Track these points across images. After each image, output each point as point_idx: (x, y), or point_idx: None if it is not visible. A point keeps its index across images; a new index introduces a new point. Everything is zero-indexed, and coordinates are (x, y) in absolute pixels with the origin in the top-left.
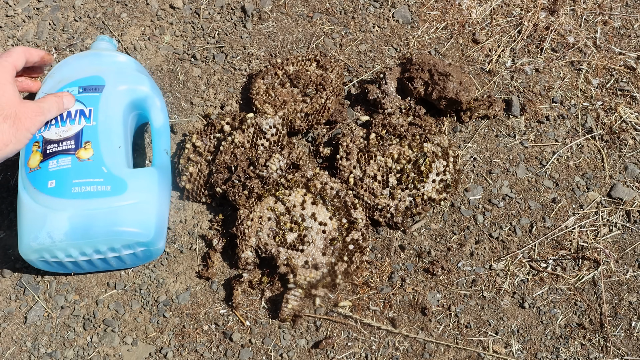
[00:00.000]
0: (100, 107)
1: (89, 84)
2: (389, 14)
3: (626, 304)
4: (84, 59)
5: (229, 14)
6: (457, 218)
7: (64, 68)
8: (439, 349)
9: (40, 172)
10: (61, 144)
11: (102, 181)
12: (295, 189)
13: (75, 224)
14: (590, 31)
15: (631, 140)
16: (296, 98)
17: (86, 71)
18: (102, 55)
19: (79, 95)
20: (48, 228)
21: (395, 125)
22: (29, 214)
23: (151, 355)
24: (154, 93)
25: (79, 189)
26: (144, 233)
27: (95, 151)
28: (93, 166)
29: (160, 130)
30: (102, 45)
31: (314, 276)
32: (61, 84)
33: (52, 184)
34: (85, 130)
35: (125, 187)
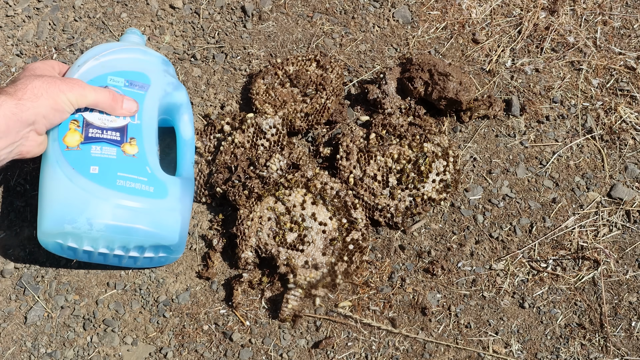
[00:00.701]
0: (144, 106)
1: (135, 79)
2: (389, 14)
3: (626, 304)
4: (131, 52)
5: (229, 14)
6: (457, 218)
7: (110, 55)
8: (439, 349)
9: (81, 154)
10: (105, 132)
11: (146, 181)
12: (295, 189)
13: (119, 218)
14: (590, 31)
15: (631, 140)
16: (296, 98)
17: (133, 65)
18: (148, 53)
19: (125, 89)
20: (89, 214)
21: (395, 125)
22: (65, 195)
23: (151, 355)
24: (187, 103)
25: (123, 183)
26: (177, 241)
27: (140, 149)
28: (138, 163)
29: (189, 142)
30: (132, 39)
31: (314, 276)
32: (106, 70)
33: (94, 170)
34: (130, 126)
35: (166, 192)
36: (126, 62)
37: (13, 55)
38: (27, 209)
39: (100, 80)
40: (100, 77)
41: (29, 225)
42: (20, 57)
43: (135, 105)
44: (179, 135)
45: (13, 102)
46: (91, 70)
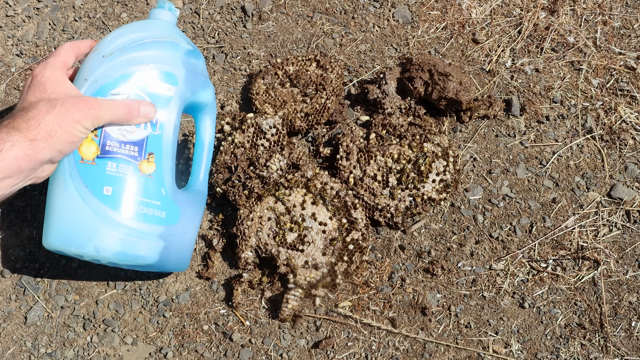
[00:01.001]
0: (168, 113)
1: (162, 80)
2: (389, 14)
3: (626, 304)
4: (161, 47)
5: (229, 14)
6: (457, 218)
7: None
8: (439, 349)
9: (96, 170)
10: (123, 146)
11: (159, 205)
12: (295, 189)
13: (126, 247)
14: (590, 31)
15: (631, 140)
16: (296, 98)
17: (161, 62)
18: (179, 47)
19: (150, 92)
20: (97, 242)
21: (395, 125)
22: (76, 216)
23: (151, 355)
24: (213, 105)
25: (136, 208)
26: (182, 266)
27: (157, 167)
28: (153, 185)
29: (206, 146)
30: (164, 17)
31: (314, 276)
32: (133, 68)
33: (108, 191)
34: (150, 139)
35: (177, 216)
36: (155, 59)
37: (13, 55)
38: (27, 209)
39: (126, 80)
40: (125, 76)
41: (29, 225)
42: (20, 57)
43: (153, 110)
44: (198, 137)
45: (26, 142)
46: (117, 67)
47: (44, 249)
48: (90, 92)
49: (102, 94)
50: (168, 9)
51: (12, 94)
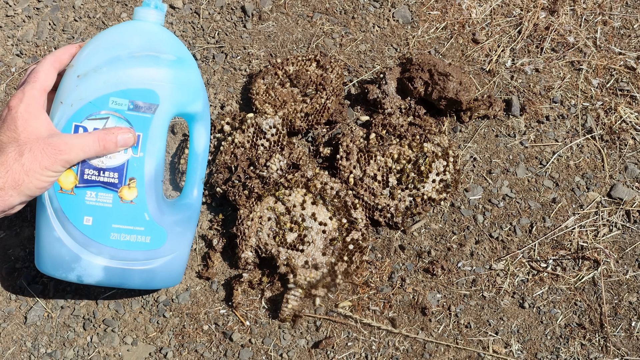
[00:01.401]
0: (150, 133)
1: (141, 99)
2: (389, 14)
3: (626, 304)
4: (139, 62)
5: (229, 14)
6: (457, 218)
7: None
8: (439, 349)
9: (75, 201)
10: (102, 173)
11: (142, 230)
12: (295, 189)
13: (110, 275)
14: (590, 31)
15: (631, 140)
16: (296, 98)
17: (139, 79)
18: (159, 60)
19: (128, 114)
20: (80, 272)
21: (395, 125)
22: (58, 246)
23: (151, 355)
24: (205, 112)
25: (117, 236)
26: (173, 283)
27: (139, 192)
28: (135, 211)
29: (200, 155)
30: (149, 16)
31: (314, 276)
32: (108, 89)
33: (88, 221)
34: (131, 162)
35: (164, 239)
36: (133, 76)
37: (13, 55)
38: (27, 208)
39: (101, 103)
40: (101, 99)
41: (29, 225)
42: (20, 57)
43: (132, 137)
44: (191, 145)
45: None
46: (91, 88)
47: None
48: (65, 116)
49: (78, 118)
50: (154, 7)
51: (12, 94)
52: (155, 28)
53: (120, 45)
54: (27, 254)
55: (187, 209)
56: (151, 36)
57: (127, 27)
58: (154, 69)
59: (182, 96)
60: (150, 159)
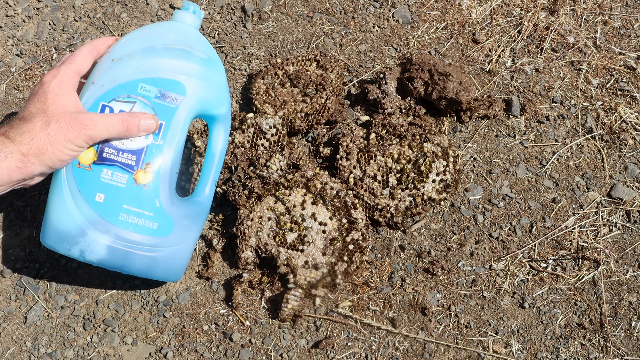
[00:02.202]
0: (172, 123)
1: (169, 89)
2: (389, 14)
3: (626, 304)
4: (172, 54)
5: (229, 14)
6: (457, 218)
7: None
8: (439, 349)
9: (90, 176)
10: (121, 154)
11: (151, 216)
12: (295, 189)
13: (112, 255)
14: (590, 31)
15: (631, 140)
16: (296, 98)
17: (170, 70)
18: (191, 55)
19: (155, 101)
20: (83, 247)
21: (395, 125)
22: (66, 219)
23: (151, 355)
24: (227, 115)
25: (126, 217)
26: (170, 276)
27: (154, 178)
28: (147, 195)
29: (217, 156)
30: (187, 19)
31: (314, 276)
32: (139, 74)
33: (100, 198)
34: (150, 148)
35: (171, 228)
36: (164, 67)
37: (13, 55)
38: (27, 209)
39: (131, 87)
40: (131, 83)
41: (29, 225)
42: (20, 57)
43: (154, 123)
44: (209, 146)
45: (19, 156)
46: (124, 71)
47: (44, 249)
48: (94, 96)
49: (106, 99)
50: (192, 12)
51: (12, 94)
52: (191, 29)
53: (156, 37)
54: (27, 254)
55: (197, 205)
56: (186, 34)
57: (164, 24)
58: (185, 63)
59: (208, 94)
60: (168, 148)
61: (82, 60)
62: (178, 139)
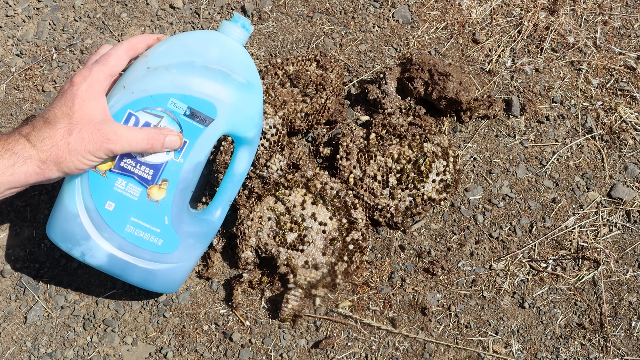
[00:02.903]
0: (196, 143)
1: (199, 108)
2: (389, 14)
3: (626, 304)
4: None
5: (229, 14)
6: (457, 218)
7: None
8: (439, 349)
9: (104, 183)
10: (139, 166)
11: (157, 232)
12: (295, 189)
13: (112, 264)
14: (590, 31)
15: (631, 140)
16: (296, 98)
17: (203, 89)
18: (229, 78)
19: (183, 119)
20: (85, 250)
21: (395, 125)
22: (73, 220)
23: (151, 355)
24: (255, 140)
25: (132, 230)
26: (170, 290)
27: (168, 195)
28: (157, 212)
29: (237, 178)
30: (234, 32)
31: (314, 276)
32: (173, 89)
33: (110, 207)
34: (169, 165)
35: (175, 246)
36: (198, 85)
37: (13, 55)
38: (27, 209)
39: (162, 100)
40: (162, 97)
41: (29, 225)
42: (20, 57)
43: (178, 141)
44: (231, 166)
45: (37, 162)
46: (157, 82)
47: (44, 249)
48: (123, 102)
49: (134, 107)
50: (241, 26)
51: (12, 94)
52: (236, 46)
53: (197, 52)
54: (27, 254)
55: (206, 225)
56: (229, 52)
57: (209, 36)
58: (221, 86)
59: (239, 119)
60: (188, 167)
61: (116, 62)
62: (200, 159)
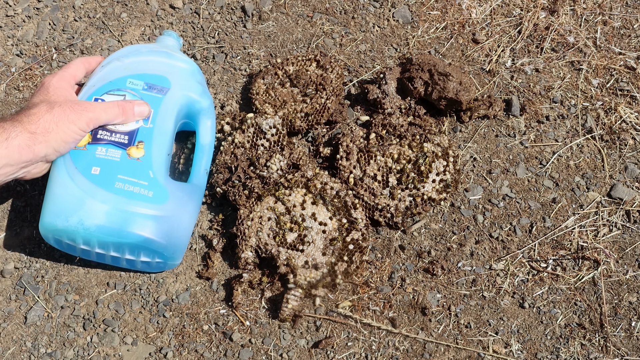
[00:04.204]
0: (160, 110)
1: (155, 82)
2: (389, 14)
3: (626, 304)
4: (155, 54)
5: (229, 14)
6: (457, 218)
7: (133, 56)
8: (439, 349)
9: (86, 154)
10: (114, 134)
11: (146, 185)
12: (295, 189)
13: (111, 220)
14: (590, 31)
15: (631, 140)
16: (296, 98)
17: (154, 68)
18: (173, 57)
19: (143, 92)
20: (82, 214)
21: (395, 125)
22: (64, 193)
23: (151, 355)
24: (210, 109)
25: (122, 186)
26: (169, 248)
27: (147, 153)
28: (141, 167)
29: (206, 148)
30: (168, 42)
31: (314, 276)
32: (127, 72)
33: (95, 171)
34: (141, 130)
35: (166, 198)
36: (149, 64)
37: (13, 55)
38: (27, 209)
39: (120, 83)
40: (120, 79)
41: (29, 225)
42: (20, 57)
43: (147, 108)
44: (197, 140)
45: (27, 134)
46: (113, 71)
47: (44, 249)
48: (87, 94)
49: (99, 94)
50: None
51: (12, 94)
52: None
53: (141, 47)
54: (27, 254)
55: (192, 186)
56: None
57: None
58: (168, 61)
59: (191, 84)
60: (158, 131)
61: (75, 68)
62: (167, 124)
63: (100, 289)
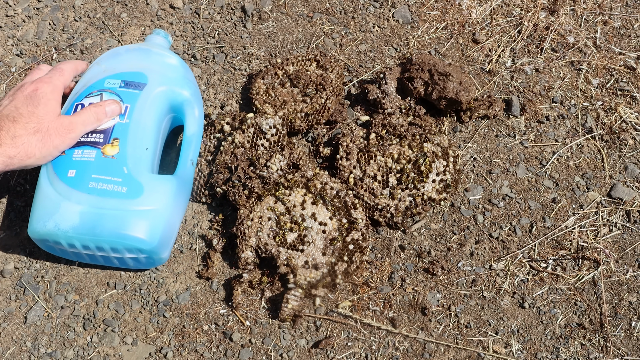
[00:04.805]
0: (137, 105)
1: (131, 79)
2: (389, 14)
3: (626, 304)
4: (133, 52)
5: (229, 14)
6: (457, 218)
7: (112, 58)
8: (439, 349)
9: (64, 159)
10: (90, 135)
11: (119, 181)
12: (295, 189)
13: (84, 220)
14: (590, 31)
15: (631, 140)
16: (296, 98)
17: (132, 65)
18: (152, 52)
19: (120, 90)
20: (57, 218)
21: (395, 125)
22: (43, 198)
23: (151, 355)
24: (194, 99)
25: (95, 185)
26: (147, 241)
27: (121, 150)
28: (115, 164)
29: (191, 138)
30: (157, 40)
31: (314, 276)
32: (105, 74)
33: (72, 174)
34: (117, 127)
35: (141, 192)
36: (126, 63)
37: (13, 55)
38: (27, 209)
39: (98, 84)
40: (98, 82)
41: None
42: (20, 57)
43: (117, 106)
44: (184, 131)
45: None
46: (93, 76)
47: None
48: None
49: (79, 99)
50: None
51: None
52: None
53: (120, 47)
54: (27, 254)
55: (175, 177)
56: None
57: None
58: (146, 57)
59: (168, 79)
60: (135, 125)
61: (69, 74)
62: (145, 119)
63: (100, 289)
